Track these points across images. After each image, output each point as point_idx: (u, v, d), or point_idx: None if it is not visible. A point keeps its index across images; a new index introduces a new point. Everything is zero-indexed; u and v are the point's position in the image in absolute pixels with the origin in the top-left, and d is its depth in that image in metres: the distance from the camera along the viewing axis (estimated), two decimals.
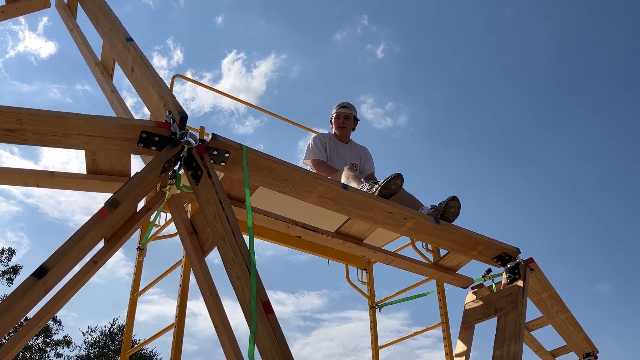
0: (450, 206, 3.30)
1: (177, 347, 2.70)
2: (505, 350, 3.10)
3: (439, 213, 3.30)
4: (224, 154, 2.61)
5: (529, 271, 3.46)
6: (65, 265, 2.13)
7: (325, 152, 4.15)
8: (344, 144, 4.37)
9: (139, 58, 2.88)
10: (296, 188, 2.84)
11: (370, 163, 4.42)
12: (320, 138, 4.26)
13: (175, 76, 4.07)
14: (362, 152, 4.44)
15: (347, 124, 4.38)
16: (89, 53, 3.56)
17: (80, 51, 3.65)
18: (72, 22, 3.76)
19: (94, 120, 2.37)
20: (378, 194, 3.21)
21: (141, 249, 3.42)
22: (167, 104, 2.62)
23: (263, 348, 2.10)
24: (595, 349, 4.36)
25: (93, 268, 2.47)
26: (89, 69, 3.59)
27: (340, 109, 4.42)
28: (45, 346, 25.21)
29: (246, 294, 2.18)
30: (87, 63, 3.58)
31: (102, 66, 3.46)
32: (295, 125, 4.91)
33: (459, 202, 3.34)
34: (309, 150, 4.17)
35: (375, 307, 4.46)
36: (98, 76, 3.41)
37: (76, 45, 3.71)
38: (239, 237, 2.27)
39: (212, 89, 4.51)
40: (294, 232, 3.17)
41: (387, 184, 3.24)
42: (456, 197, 3.33)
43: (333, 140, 4.32)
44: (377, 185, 3.27)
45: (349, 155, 4.30)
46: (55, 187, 2.73)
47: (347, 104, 4.45)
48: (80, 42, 3.64)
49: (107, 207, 2.24)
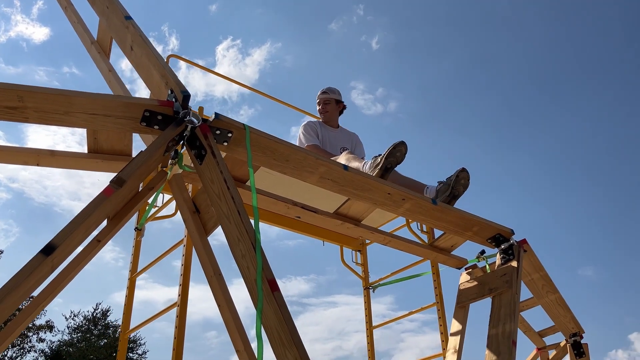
0: (461, 177, 3.33)
1: (180, 326, 2.71)
2: (501, 329, 3.16)
3: (449, 187, 3.33)
4: (227, 134, 2.61)
5: (522, 252, 3.52)
6: (71, 243, 2.13)
7: (317, 138, 4.18)
8: (334, 128, 4.40)
9: (139, 37, 2.85)
10: (297, 168, 2.85)
11: (361, 149, 4.46)
12: (310, 125, 4.30)
13: (170, 56, 4.03)
14: (353, 137, 4.48)
15: (328, 108, 4.42)
16: (84, 32, 3.51)
17: (74, 29, 3.60)
18: (66, 0, 3.70)
19: (97, 98, 2.35)
20: (383, 162, 3.23)
21: (139, 230, 3.42)
22: (169, 82, 2.60)
23: (269, 326, 2.11)
24: (581, 329, 4.46)
25: (97, 247, 2.47)
26: (84, 49, 3.54)
27: (320, 95, 4.51)
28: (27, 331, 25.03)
29: (251, 272, 2.19)
30: (83, 42, 3.53)
31: (99, 45, 3.42)
32: (291, 107, 4.91)
33: (468, 173, 3.37)
34: (301, 137, 4.19)
35: (369, 287, 4.51)
36: (94, 55, 3.37)
37: (70, 23, 3.65)
38: (244, 216, 2.28)
39: (207, 69, 4.49)
40: (294, 212, 3.19)
41: (393, 151, 3.26)
42: (465, 168, 3.36)
43: (323, 126, 4.35)
44: (382, 155, 3.29)
45: (340, 140, 4.33)
46: (56, 166, 2.71)
47: (326, 89, 4.50)
48: (75, 21, 3.59)
49: (113, 186, 2.24)
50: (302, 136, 4.19)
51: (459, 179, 3.36)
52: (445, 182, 3.41)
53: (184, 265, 2.86)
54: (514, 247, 3.53)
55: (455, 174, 3.38)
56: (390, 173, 3.35)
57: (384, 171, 3.30)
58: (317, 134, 4.23)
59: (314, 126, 4.28)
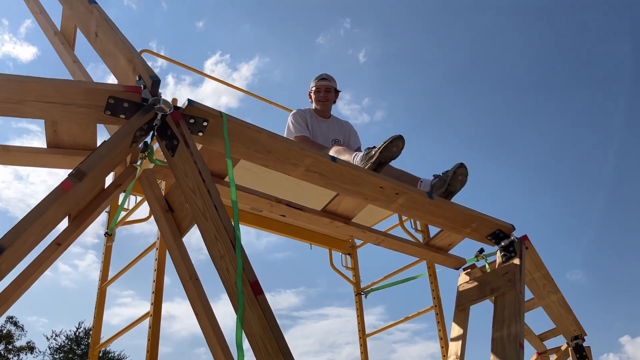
0: (459, 174, 3.08)
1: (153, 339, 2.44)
2: (506, 332, 2.93)
3: (445, 182, 3.08)
4: (202, 123, 2.36)
5: (524, 249, 3.30)
6: (24, 245, 1.86)
7: (307, 128, 3.89)
8: (325, 119, 4.09)
9: (104, 21, 2.59)
10: (281, 161, 2.60)
11: (356, 138, 4.15)
12: (300, 114, 3.98)
13: (143, 51, 3.77)
14: (346, 127, 4.18)
15: (329, 97, 4.10)
16: (46, 23, 3.24)
17: (37, 21, 3.34)
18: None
19: (53, 83, 2.10)
20: (378, 156, 2.98)
21: (109, 235, 3.14)
22: (136, 68, 2.35)
23: (252, 334, 1.86)
24: (583, 331, 4.26)
25: (57, 251, 2.20)
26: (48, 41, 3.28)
27: (320, 82, 4.12)
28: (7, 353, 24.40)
29: (231, 274, 1.94)
30: (46, 34, 3.26)
31: (62, 36, 3.15)
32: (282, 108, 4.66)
33: (466, 169, 3.13)
34: (290, 127, 3.89)
35: (361, 293, 4.25)
36: (58, 47, 3.10)
37: (32, 15, 3.39)
38: (221, 211, 2.03)
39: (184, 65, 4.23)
40: (278, 210, 2.93)
41: (389, 145, 2.99)
42: (464, 164, 3.12)
43: (314, 116, 4.04)
44: (376, 148, 3.04)
45: (332, 131, 4.04)
46: (10, 163, 2.43)
47: (327, 75, 4.16)
48: (37, 12, 3.32)
49: (71, 179, 1.97)
50: (291, 126, 3.89)
51: (456, 174, 3.12)
52: (441, 177, 3.17)
53: (156, 270, 2.59)
54: (515, 244, 3.30)
55: (453, 169, 3.14)
56: (383, 168, 3.11)
57: (377, 165, 3.05)
58: (307, 124, 3.93)
59: (304, 115, 3.96)
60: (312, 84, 4.17)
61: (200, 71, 4.49)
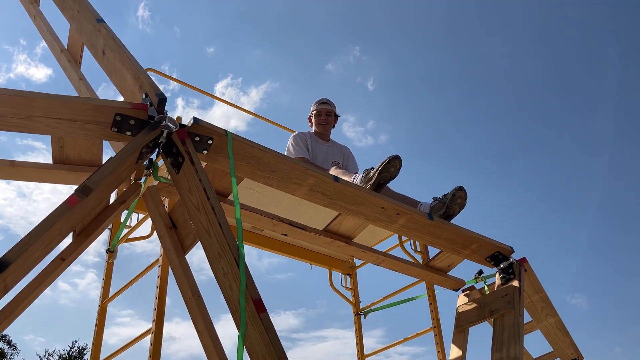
0: (457, 197, 3.11)
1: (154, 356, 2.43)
2: (505, 353, 2.93)
3: (444, 205, 3.11)
4: (207, 141, 2.38)
5: (523, 271, 3.31)
6: (29, 259, 1.86)
7: (307, 150, 3.94)
8: (325, 142, 4.17)
9: (112, 39, 2.63)
10: (284, 180, 2.62)
11: (353, 163, 4.23)
12: (300, 136, 4.05)
13: (148, 70, 3.81)
14: (344, 151, 4.25)
15: (329, 120, 4.19)
16: (53, 40, 3.28)
17: (44, 38, 3.37)
18: (34, 9, 3.49)
19: (61, 100, 2.12)
20: (376, 178, 3.01)
21: (111, 252, 3.14)
22: (143, 85, 2.38)
23: (254, 352, 1.87)
24: (580, 355, 4.25)
25: (60, 266, 2.20)
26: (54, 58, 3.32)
27: (321, 106, 4.22)
28: None
29: (234, 292, 1.95)
30: (52, 51, 3.30)
31: (69, 53, 3.19)
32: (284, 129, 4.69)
33: (465, 192, 3.15)
34: (290, 148, 3.95)
35: (360, 313, 4.24)
36: (64, 64, 3.14)
37: (39, 33, 3.43)
38: (226, 229, 2.04)
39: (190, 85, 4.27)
40: (281, 229, 2.94)
41: (387, 165, 3.04)
42: (463, 187, 3.15)
43: (314, 139, 4.11)
44: (374, 169, 3.07)
45: (331, 154, 4.09)
46: (16, 179, 2.45)
47: (327, 100, 4.26)
48: (44, 30, 3.36)
49: (78, 195, 1.98)
50: (291, 147, 3.95)
51: (455, 197, 3.15)
52: (440, 200, 3.20)
53: (159, 287, 2.59)
54: (514, 266, 3.32)
55: (452, 192, 3.17)
56: (382, 189, 3.14)
57: (376, 187, 3.09)
58: (307, 147, 3.99)
59: (304, 138, 4.04)
60: (313, 107, 4.25)
61: (208, 92, 4.51)
